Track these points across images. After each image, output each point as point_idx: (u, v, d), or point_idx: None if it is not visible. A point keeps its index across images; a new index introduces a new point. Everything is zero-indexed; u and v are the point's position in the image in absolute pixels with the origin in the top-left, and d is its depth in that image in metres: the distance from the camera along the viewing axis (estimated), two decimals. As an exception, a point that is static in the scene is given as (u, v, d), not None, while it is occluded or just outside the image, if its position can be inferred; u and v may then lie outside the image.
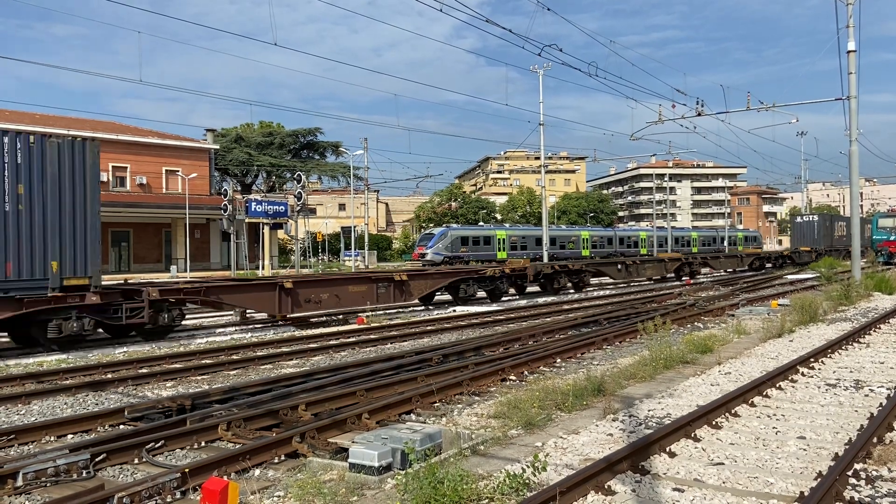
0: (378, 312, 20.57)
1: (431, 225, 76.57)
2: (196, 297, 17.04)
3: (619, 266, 32.37)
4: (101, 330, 15.97)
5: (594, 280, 32.69)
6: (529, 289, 28.66)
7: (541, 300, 26.09)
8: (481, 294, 26.26)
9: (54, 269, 14.08)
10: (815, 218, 54.58)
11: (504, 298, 26.54)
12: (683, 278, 37.14)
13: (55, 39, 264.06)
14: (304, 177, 43.58)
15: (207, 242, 55.90)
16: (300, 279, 19.68)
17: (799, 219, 56.53)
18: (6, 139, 13.58)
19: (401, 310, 22.96)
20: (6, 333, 15.72)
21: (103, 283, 15.48)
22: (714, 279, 37.25)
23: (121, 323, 15.25)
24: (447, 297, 25.78)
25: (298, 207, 42.63)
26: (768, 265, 47.59)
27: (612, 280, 33.21)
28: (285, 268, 55.81)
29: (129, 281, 19.72)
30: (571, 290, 29.73)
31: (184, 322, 18.25)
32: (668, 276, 37.03)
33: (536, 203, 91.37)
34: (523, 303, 24.99)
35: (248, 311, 19.80)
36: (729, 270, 44.87)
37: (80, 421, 8.34)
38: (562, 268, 29.04)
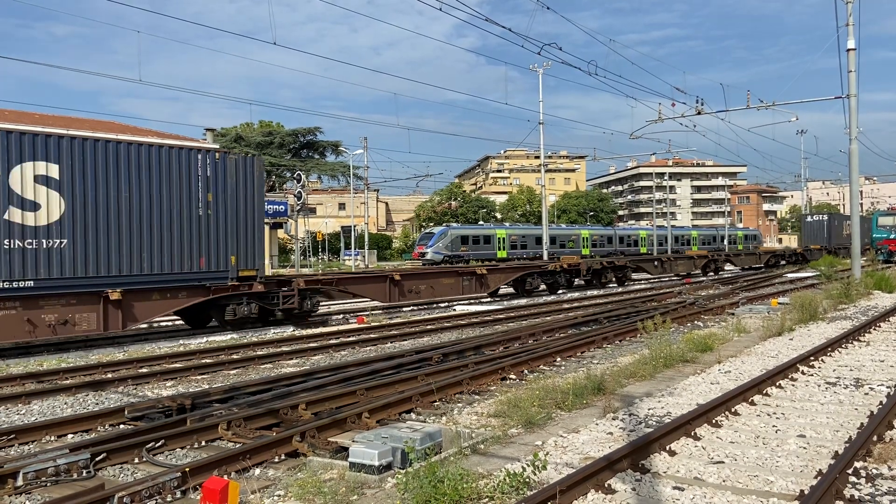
0: (377, 312, 20.55)
1: (431, 224, 76.57)
2: (331, 287, 20.19)
3: (656, 262, 36.28)
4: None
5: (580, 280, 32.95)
6: (578, 282, 31.40)
7: (541, 300, 26.10)
8: (542, 287, 28.77)
9: (233, 263, 17.01)
10: (825, 217, 57.99)
11: (531, 291, 27.56)
12: (709, 273, 40.83)
13: (54, 39, 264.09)
14: (303, 176, 43.62)
15: (207, 242, 55.82)
16: (405, 273, 23.06)
17: (809, 218, 59.71)
18: (199, 156, 16.63)
19: (472, 301, 25.09)
20: (179, 317, 18.32)
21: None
22: (713, 279, 37.31)
23: (277, 307, 18.10)
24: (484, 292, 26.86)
25: (298, 207, 42.63)
26: (783, 262, 49.68)
27: (647, 275, 37.26)
28: (285, 267, 55.80)
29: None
30: (614, 284, 32.74)
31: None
32: (696, 271, 40.57)
33: (536, 202, 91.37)
34: (523, 301, 25.00)
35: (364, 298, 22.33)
36: (746, 267, 47.44)
37: (81, 420, 8.34)
38: (609, 264, 32.29)
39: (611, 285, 32.22)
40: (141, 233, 15.52)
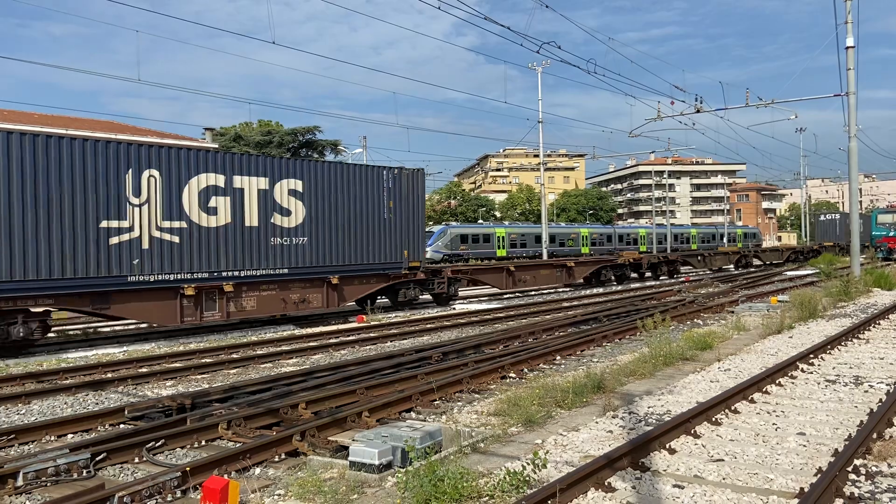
0: (378, 311, 20.57)
1: (431, 223, 76.57)
2: (466, 276, 25.35)
3: (699, 257, 42.29)
4: (384, 299, 22.80)
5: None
6: (633, 275, 35.56)
7: (541, 298, 26.10)
8: (612, 277, 33.38)
9: (406, 255, 21.53)
10: (837, 216, 61.65)
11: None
12: (740, 267, 45.15)
13: (53, 39, 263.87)
14: (303, 175, 43.50)
15: (207, 241, 55.88)
16: (517, 265, 27.86)
17: (823, 217, 64.25)
18: (385, 172, 21.08)
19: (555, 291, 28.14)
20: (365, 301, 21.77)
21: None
22: (713, 277, 37.34)
23: (433, 291, 23.07)
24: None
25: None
26: (801, 257, 52.23)
27: (693, 268, 41.84)
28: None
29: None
30: (665, 277, 37.42)
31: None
32: (728, 266, 45.10)
33: (536, 200, 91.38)
34: (523, 301, 25.00)
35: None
36: (769, 262, 49.86)
37: (81, 420, 8.35)
38: (663, 258, 38.11)
39: (662, 277, 37.21)
40: (348, 233, 19.91)
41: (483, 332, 16.30)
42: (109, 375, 11.52)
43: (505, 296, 27.56)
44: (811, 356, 10.87)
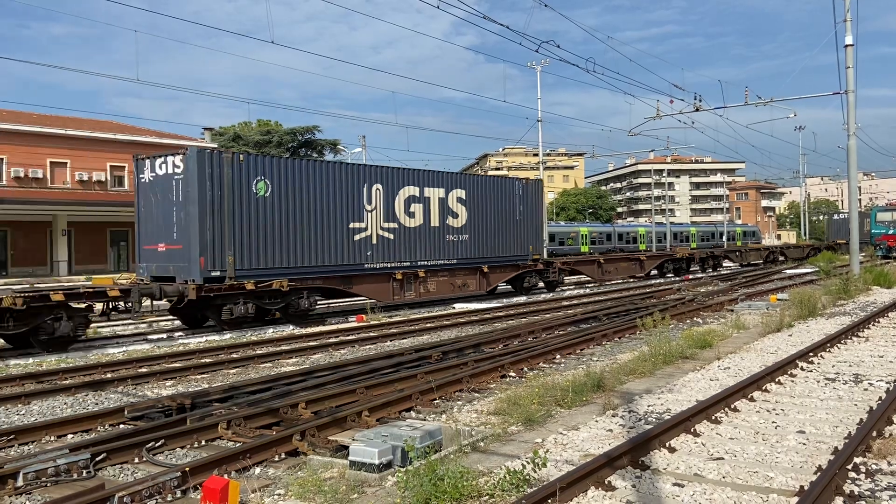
0: (377, 311, 20.57)
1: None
2: (569, 266, 30.23)
3: (737, 253, 48.18)
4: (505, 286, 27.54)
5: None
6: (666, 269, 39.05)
7: (541, 297, 26.11)
8: (671, 270, 38.16)
9: (531, 249, 26.73)
10: (844, 216, 64.04)
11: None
12: (769, 263, 48.00)
13: (52, 39, 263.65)
14: (302, 175, 43.47)
15: (206, 241, 55.83)
16: (606, 258, 32.79)
17: (836, 216, 67.98)
18: (517, 183, 26.58)
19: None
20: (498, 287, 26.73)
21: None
22: (712, 275, 37.38)
23: (548, 279, 28.15)
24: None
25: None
26: (819, 253, 54.28)
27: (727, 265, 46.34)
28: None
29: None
30: (710, 270, 41.55)
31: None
32: (758, 261, 48.25)
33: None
34: (523, 299, 25.00)
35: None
36: (793, 258, 51.64)
37: (80, 421, 8.34)
38: (709, 254, 42.72)
39: (707, 270, 41.61)
40: (493, 231, 25.09)
41: (483, 331, 16.30)
42: (109, 375, 11.51)
43: (594, 284, 32.60)
44: (811, 354, 10.87)
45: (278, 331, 17.59)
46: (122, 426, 8.35)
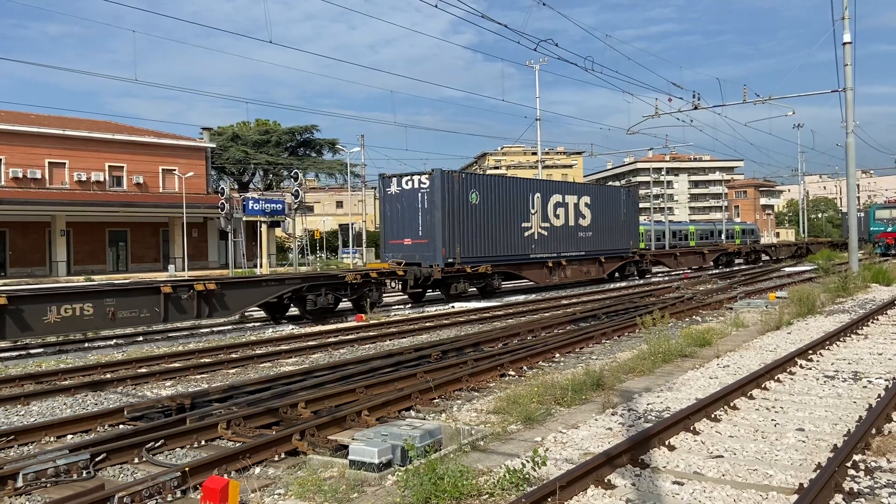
0: (377, 310, 20.58)
1: (429, 221, 76.42)
2: (655, 257, 37.40)
3: (772, 248, 53.52)
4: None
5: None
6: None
7: (543, 295, 26.11)
8: (721, 262, 43.76)
9: (631, 245, 33.68)
10: (861, 214, 65.87)
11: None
12: (796, 259, 51.40)
13: (50, 39, 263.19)
14: (300, 174, 43.51)
15: (205, 241, 55.83)
16: (680, 251, 40.06)
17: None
18: (623, 190, 32.74)
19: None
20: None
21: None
22: (711, 273, 37.40)
23: (643, 269, 34.93)
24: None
25: (296, 205, 42.55)
26: (837, 251, 56.23)
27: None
28: (283, 266, 55.76)
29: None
30: (744, 264, 47.20)
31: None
32: (788, 256, 52.84)
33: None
34: (521, 298, 25.01)
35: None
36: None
37: (80, 421, 8.34)
38: (752, 249, 49.96)
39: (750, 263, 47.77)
40: (606, 229, 31.67)
41: (482, 329, 16.30)
42: (108, 376, 11.50)
43: (673, 271, 39.25)
44: (810, 352, 10.88)
45: (277, 331, 17.59)
46: (121, 426, 8.35)
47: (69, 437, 8.03)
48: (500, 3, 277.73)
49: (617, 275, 33.35)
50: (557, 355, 12.29)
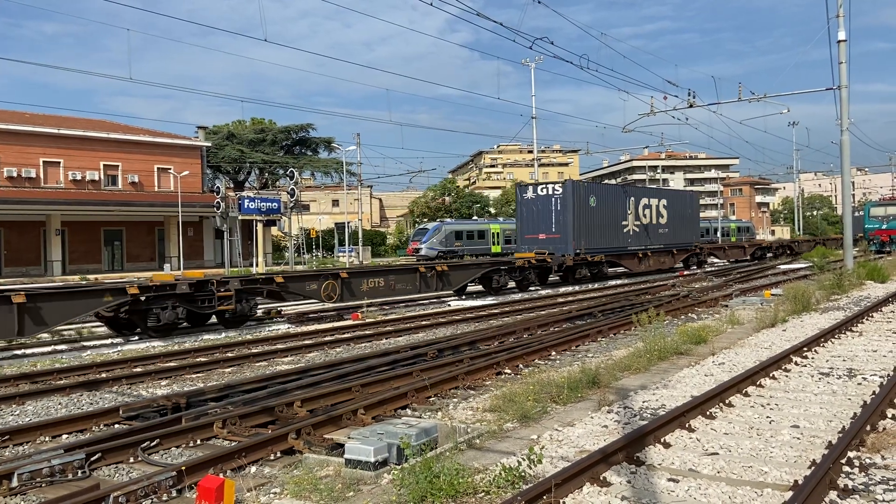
0: (373, 308, 20.57)
1: (425, 220, 76.48)
2: (711, 250, 43.54)
3: (795, 244, 56.29)
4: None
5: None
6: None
7: (541, 293, 26.13)
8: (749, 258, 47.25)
9: (693, 239, 39.21)
10: (858, 213, 66.60)
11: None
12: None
13: (45, 37, 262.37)
14: (296, 173, 43.49)
15: (201, 240, 55.74)
16: (730, 245, 45.57)
17: (855, 214, 78.09)
18: (686, 194, 40.39)
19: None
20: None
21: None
22: (707, 271, 37.48)
23: (699, 260, 39.84)
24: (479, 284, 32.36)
25: (291, 204, 42.53)
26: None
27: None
28: (279, 264, 55.71)
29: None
30: (773, 258, 49.29)
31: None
32: (805, 251, 54.38)
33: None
34: (518, 297, 25.03)
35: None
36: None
37: (75, 421, 8.31)
38: (783, 244, 53.92)
39: (780, 257, 49.78)
40: (676, 226, 37.26)
41: (478, 328, 16.30)
42: (104, 375, 11.48)
43: (724, 263, 44.99)
44: (805, 349, 10.91)
45: (273, 330, 17.57)
46: (117, 426, 8.33)
47: (64, 436, 8.01)
48: (496, 1, 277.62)
49: (681, 264, 38.99)
50: (553, 353, 12.29)
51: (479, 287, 26.45)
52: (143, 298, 15.77)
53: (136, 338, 16.52)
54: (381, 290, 21.17)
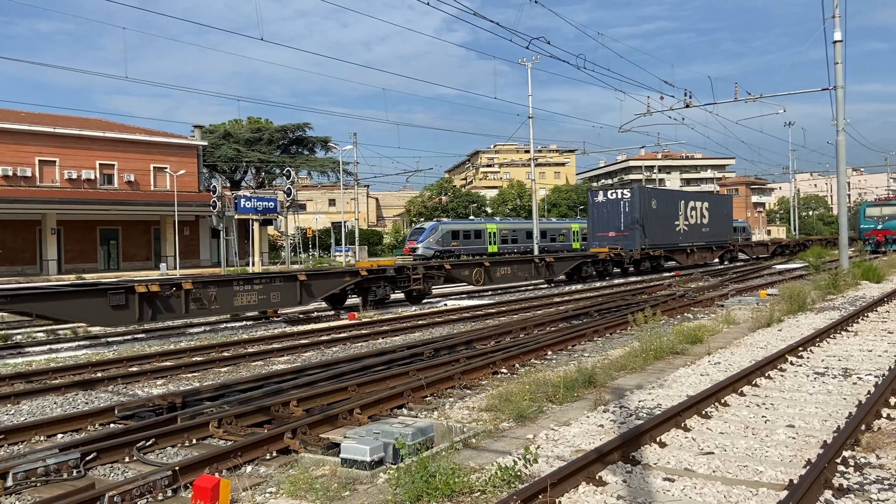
0: (369, 307, 20.56)
1: (422, 219, 76.46)
2: (742, 247, 48.17)
3: (810, 242, 57.44)
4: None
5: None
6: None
7: (539, 293, 26.13)
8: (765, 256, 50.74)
9: (729, 238, 45.19)
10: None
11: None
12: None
13: (41, 36, 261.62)
14: (293, 172, 43.47)
15: (197, 239, 55.66)
16: (757, 243, 49.46)
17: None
18: (723, 196, 49.32)
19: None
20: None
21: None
22: (703, 271, 37.53)
23: (730, 256, 45.69)
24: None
25: (288, 203, 42.51)
26: None
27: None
28: (275, 264, 55.64)
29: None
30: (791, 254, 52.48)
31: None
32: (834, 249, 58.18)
33: (527, 196, 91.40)
34: (515, 296, 25.03)
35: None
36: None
37: (70, 420, 8.30)
38: (803, 242, 55.59)
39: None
40: (714, 226, 42.01)
41: (474, 327, 16.31)
42: (99, 375, 11.46)
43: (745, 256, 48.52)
44: (800, 349, 10.93)
45: (269, 329, 17.56)
46: (112, 425, 8.31)
47: (59, 436, 8.00)
48: (494, 0, 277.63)
49: (718, 259, 44.17)
50: (550, 353, 12.30)
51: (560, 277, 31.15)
52: (367, 279, 20.94)
53: (343, 312, 20.65)
54: (508, 276, 26.79)
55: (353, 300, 21.67)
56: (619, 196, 35.08)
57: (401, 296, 23.28)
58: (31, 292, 14.43)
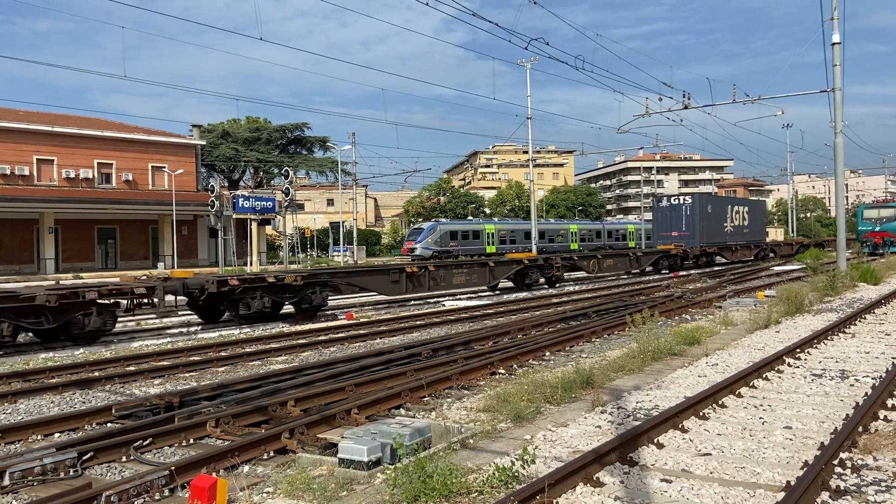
0: (368, 307, 20.55)
1: (420, 220, 76.44)
2: (769, 247, 53.02)
3: (825, 241, 61.15)
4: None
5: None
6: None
7: (539, 293, 26.15)
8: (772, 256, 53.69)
9: (763, 239, 53.66)
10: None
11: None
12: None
13: (39, 35, 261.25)
14: (291, 172, 43.47)
15: (195, 239, 55.61)
16: (785, 242, 56.35)
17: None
18: (760, 203, 58.72)
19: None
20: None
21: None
22: (701, 272, 37.56)
23: (763, 255, 49.85)
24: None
25: (286, 203, 42.51)
26: None
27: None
28: (273, 263, 55.60)
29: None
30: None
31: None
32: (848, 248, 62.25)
33: (525, 197, 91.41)
34: (512, 297, 25.04)
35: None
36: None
37: (68, 419, 8.28)
38: (821, 241, 58.84)
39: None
40: (749, 227, 48.85)
41: (473, 328, 16.31)
42: (96, 374, 11.44)
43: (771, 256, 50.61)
44: (798, 350, 10.94)
45: (268, 329, 17.55)
46: (109, 425, 8.30)
47: (56, 435, 7.98)
48: (492, 1, 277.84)
49: (753, 258, 48.05)
50: (548, 353, 12.30)
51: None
52: (527, 266, 27.66)
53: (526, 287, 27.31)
54: (612, 266, 33.58)
55: (506, 283, 27.94)
56: (682, 202, 42.79)
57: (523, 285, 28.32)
58: (353, 271, 22.69)
